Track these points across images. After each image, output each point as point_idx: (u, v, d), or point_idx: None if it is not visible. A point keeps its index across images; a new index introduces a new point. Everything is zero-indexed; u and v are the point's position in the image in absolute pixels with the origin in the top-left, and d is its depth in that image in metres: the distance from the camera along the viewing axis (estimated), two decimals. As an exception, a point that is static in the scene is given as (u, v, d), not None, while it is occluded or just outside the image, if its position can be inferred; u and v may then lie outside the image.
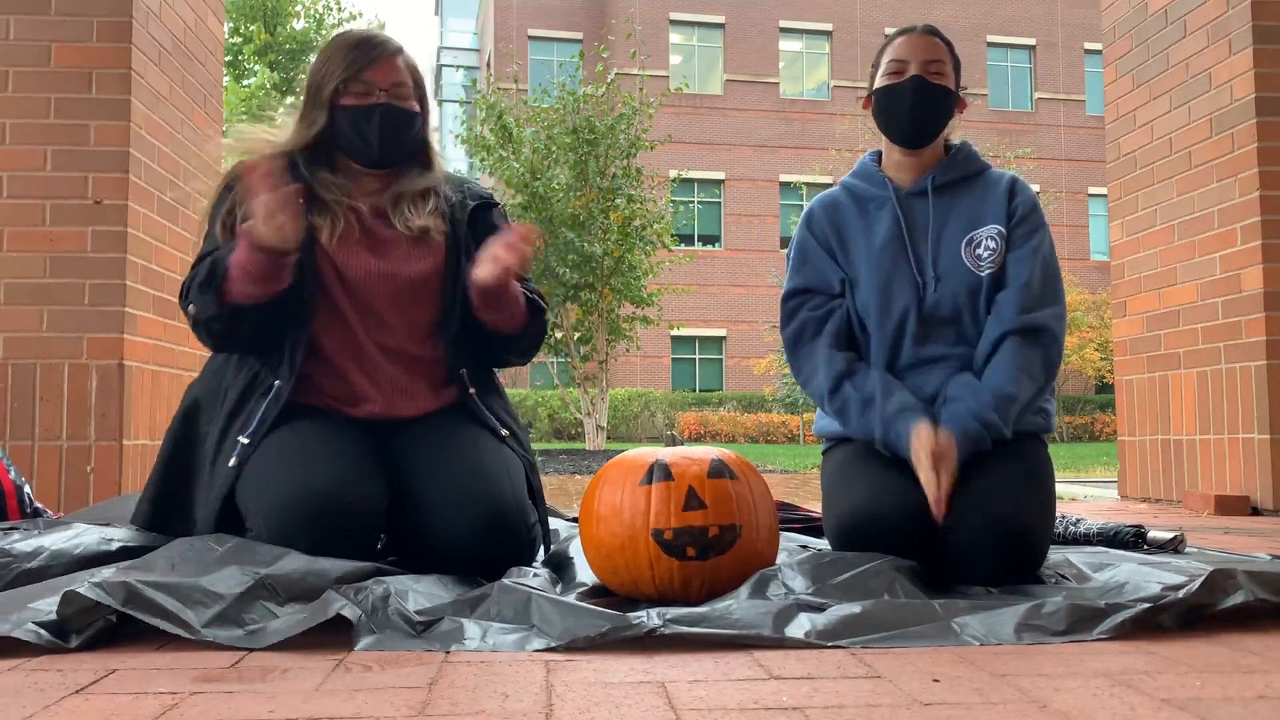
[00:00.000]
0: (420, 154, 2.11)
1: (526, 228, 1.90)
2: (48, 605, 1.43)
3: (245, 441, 1.84)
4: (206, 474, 1.90)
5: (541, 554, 2.01)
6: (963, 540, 1.76)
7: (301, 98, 2.05)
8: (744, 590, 1.63)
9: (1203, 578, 1.53)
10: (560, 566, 1.95)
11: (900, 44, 2.06)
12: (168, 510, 1.94)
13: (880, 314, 2.03)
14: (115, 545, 1.82)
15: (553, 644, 1.39)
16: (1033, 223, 2.03)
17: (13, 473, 2.42)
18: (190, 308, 1.88)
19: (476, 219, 2.11)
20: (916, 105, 2.02)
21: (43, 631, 1.37)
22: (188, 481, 1.94)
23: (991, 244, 2.01)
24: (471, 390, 2.04)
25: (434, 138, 2.16)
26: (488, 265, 1.87)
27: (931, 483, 1.80)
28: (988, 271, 2.00)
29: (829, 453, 2.13)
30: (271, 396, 1.89)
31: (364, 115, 1.98)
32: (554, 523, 2.45)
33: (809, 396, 2.11)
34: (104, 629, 1.41)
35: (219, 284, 1.82)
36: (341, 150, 2.04)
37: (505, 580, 1.62)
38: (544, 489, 2.08)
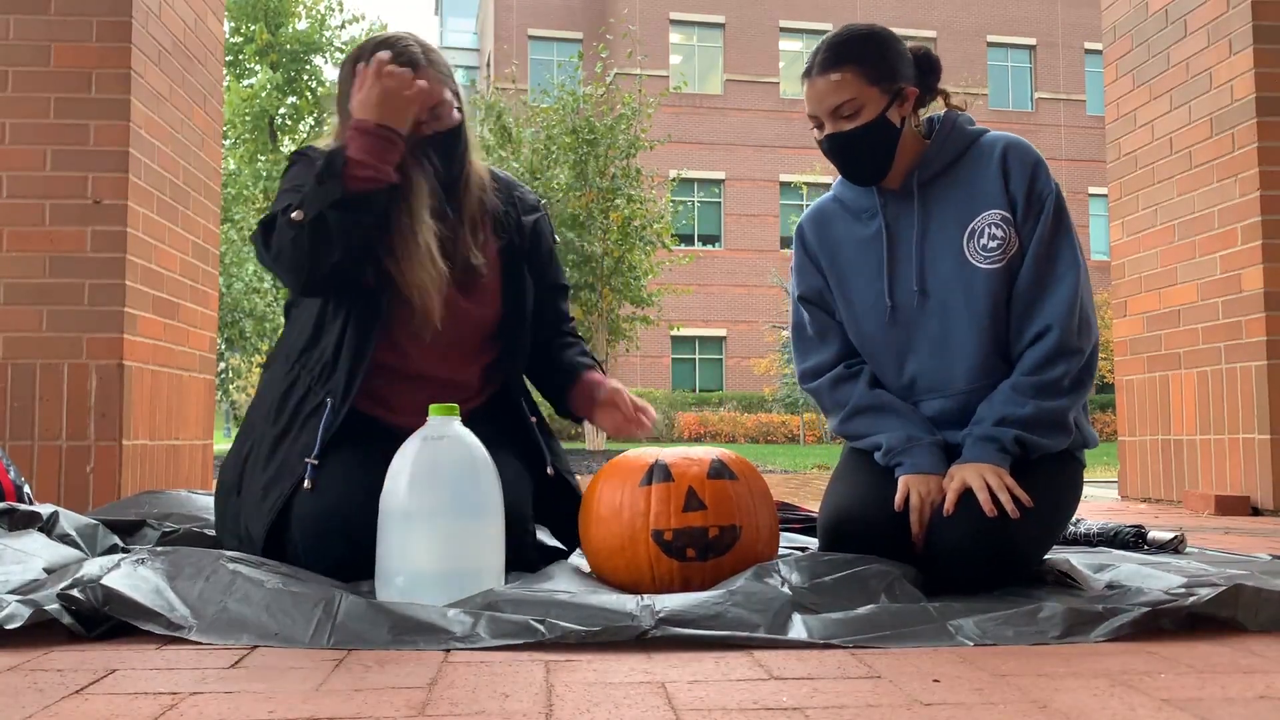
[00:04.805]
0: (464, 153, 1.99)
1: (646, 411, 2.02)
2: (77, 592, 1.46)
3: (315, 463, 1.81)
4: (254, 486, 1.89)
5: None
6: (945, 542, 1.71)
7: (336, 116, 1.95)
8: (740, 579, 1.61)
9: (1218, 590, 1.48)
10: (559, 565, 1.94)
11: (806, 93, 1.87)
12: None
13: (882, 335, 1.91)
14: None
15: (546, 638, 1.39)
16: (1037, 207, 1.82)
17: (12, 473, 2.41)
18: (294, 214, 1.78)
19: (531, 235, 2.09)
20: (844, 161, 1.88)
21: (66, 617, 1.41)
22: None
23: (998, 232, 1.82)
24: (533, 419, 2.07)
25: (472, 133, 2.04)
26: (610, 418, 2.01)
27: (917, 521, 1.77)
28: (997, 265, 1.81)
29: (846, 444, 2.06)
30: (327, 413, 1.85)
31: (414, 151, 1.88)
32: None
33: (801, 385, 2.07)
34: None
35: (340, 169, 1.76)
36: None
37: (500, 584, 1.62)
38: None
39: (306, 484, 1.79)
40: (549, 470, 2.02)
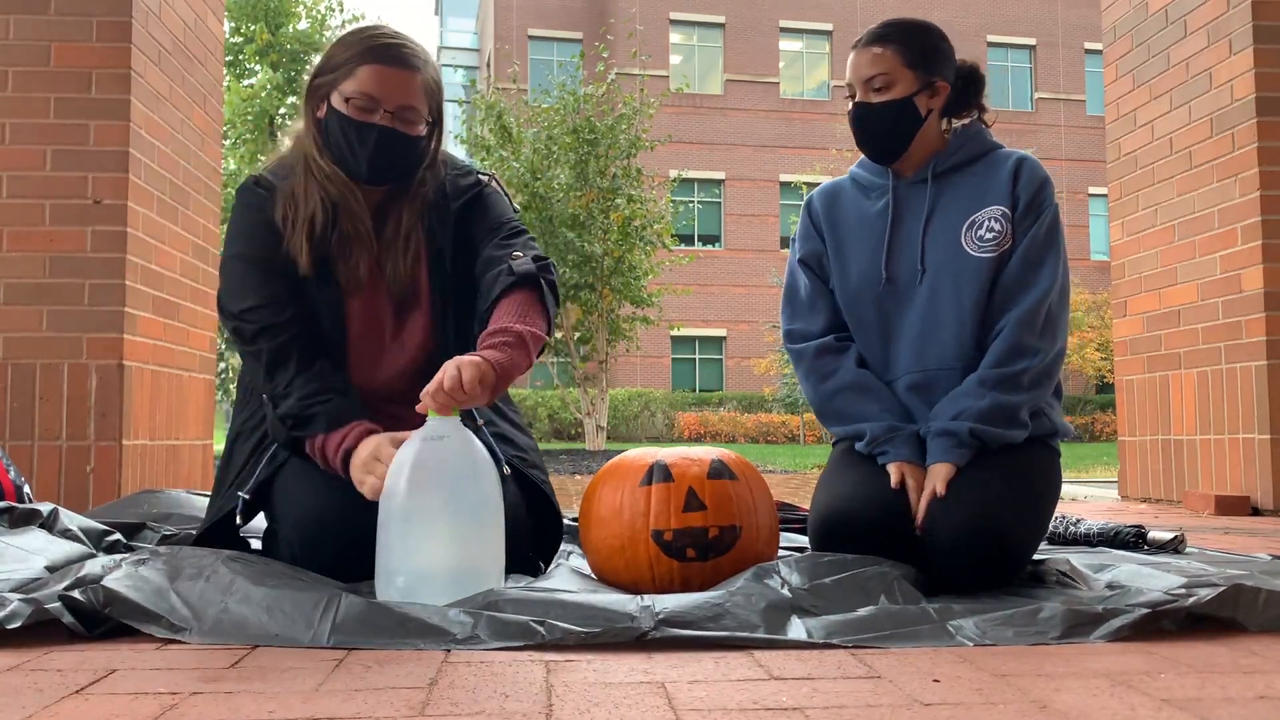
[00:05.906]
0: (420, 159, 1.93)
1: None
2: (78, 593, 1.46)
3: (246, 498, 1.85)
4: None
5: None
6: (938, 541, 1.72)
7: (304, 104, 1.92)
8: (740, 579, 1.60)
9: (1218, 590, 1.49)
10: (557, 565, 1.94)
11: (850, 61, 2.00)
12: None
13: (873, 307, 1.98)
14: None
15: (546, 639, 1.39)
16: (1035, 213, 1.91)
17: (12, 472, 2.41)
18: (265, 394, 1.84)
19: (466, 218, 1.97)
20: (863, 131, 1.97)
21: (67, 616, 1.42)
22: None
23: (996, 225, 1.91)
24: (480, 422, 1.95)
25: (440, 149, 1.98)
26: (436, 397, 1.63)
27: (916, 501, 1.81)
28: (990, 254, 1.90)
29: (835, 446, 2.10)
30: (267, 458, 1.88)
31: (359, 132, 1.83)
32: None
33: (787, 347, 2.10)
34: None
35: (297, 438, 1.79)
36: (328, 152, 1.88)
37: (500, 584, 1.62)
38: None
39: (238, 519, 1.85)
40: (505, 470, 1.89)
